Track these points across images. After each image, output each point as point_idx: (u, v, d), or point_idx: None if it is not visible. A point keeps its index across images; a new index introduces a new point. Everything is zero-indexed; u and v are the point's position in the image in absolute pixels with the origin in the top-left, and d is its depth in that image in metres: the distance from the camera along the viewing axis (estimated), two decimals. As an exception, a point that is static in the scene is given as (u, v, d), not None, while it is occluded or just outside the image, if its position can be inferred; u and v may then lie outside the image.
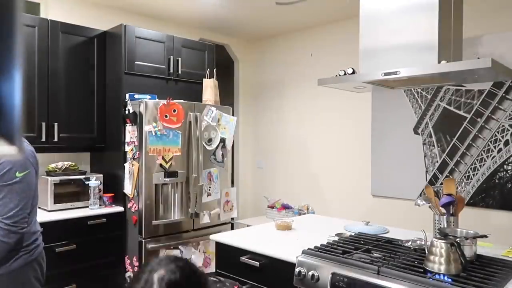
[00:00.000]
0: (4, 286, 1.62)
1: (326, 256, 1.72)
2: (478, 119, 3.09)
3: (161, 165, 2.96)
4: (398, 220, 3.19)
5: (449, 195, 1.86)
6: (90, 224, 2.91)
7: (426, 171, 3.38)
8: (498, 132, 3.00)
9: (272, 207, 4.29)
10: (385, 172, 3.64)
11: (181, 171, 3.07)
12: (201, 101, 3.39)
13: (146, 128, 2.89)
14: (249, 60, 4.86)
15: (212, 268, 3.15)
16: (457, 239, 1.60)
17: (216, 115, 3.26)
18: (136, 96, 3.07)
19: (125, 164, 3.06)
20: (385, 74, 1.86)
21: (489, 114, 3.04)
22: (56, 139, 2.98)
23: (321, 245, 1.88)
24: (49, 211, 2.87)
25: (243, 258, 2.00)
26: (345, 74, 2.05)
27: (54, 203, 2.90)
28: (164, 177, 2.98)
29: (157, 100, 3.06)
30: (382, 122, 3.66)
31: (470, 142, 3.13)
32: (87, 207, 3.03)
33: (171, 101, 3.01)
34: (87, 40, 3.20)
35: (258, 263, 1.93)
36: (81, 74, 3.18)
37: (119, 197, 3.13)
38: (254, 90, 4.86)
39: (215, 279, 0.92)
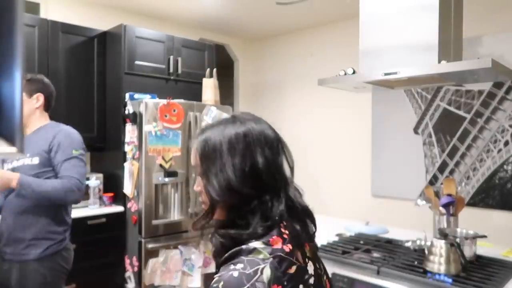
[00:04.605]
0: (35, 270, 1.82)
1: (326, 256, 1.72)
2: (478, 119, 3.09)
3: (161, 165, 2.96)
4: (398, 220, 3.18)
5: (449, 195, 1.86)
6: (90, 224, 2.91)
7: (426, 171, 3.38)
8: (498, 133, 3.00)
9: (272, 207, 4.28)
10: (385, 172, 3.64)
11: (181, 171, 3.07)
12: (201, 101, 3.39)
13: (146, 128, 2.89)
14: (249, 60, 4.86)
15: (212, 268, 3.15)
16: (457, 239, 1.60)
17: (216, 115, 3.26)
18: (136, 96, 3.07)
19: (125, 164, 3.06)
20: (385, 74, 1.86)
21: (489, 115, 3.04)
22: (56, 139, 2.98)
23: (321, 245, 1.88)
24: (49, 211, 2.86)
25: (243, 258, 1.99)
26: (345, 74, 2.05)
27: (54, 203, 2.90)
28: (164, 177, 2.98)
29: (157, 100, 3.06)
30: (382, 122, 3.66)
31: (470, 142, 3.13)
32: (87, 207, 3.03)
33: (171, 101, 3.01)
34: (87, 40, 3.20)
35: (258, 263, 1.93)
36: (81, 74, 3.18)
37: (119, 197, 3.13)
38: (254, 90, 4.86)
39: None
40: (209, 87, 3.41)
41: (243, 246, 0.77)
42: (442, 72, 1.75)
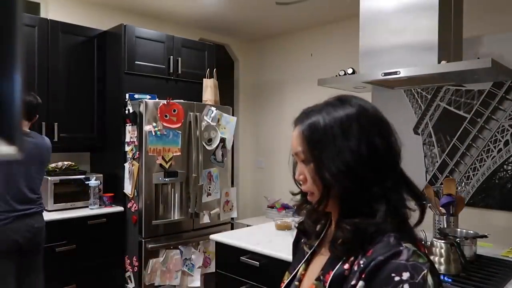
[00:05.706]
0: None
1: (326, 256, 1.72)
2: (478, 119, 3.09)
3: (161, 165, 2.96)
4: (398, 220, 3.19)
5: (449, 195, 1.86)
6: (90, 224, 2.91)
7: (426, 171, 3.38)
8: (498, 132, 3.00)
9: (272, 207, 4.29)
10: (385, 172, 3.63)
11: (181, 171, 3.07)
12: (201, 101, 3.39)
13: (146, 128, 2.89)
14: (249, 60, 4.86)
15: (212, 268, 3.15)
16: (457, 239, 1.60)
17: (216, 115, 3.26)
18: (136, 96, 3.07)
19: (125, 164, 3.06)
20: (385, 74, 1.86)
21: (489, 114, 3.03)
22: (56, 139, 2.98)
23: (321, 245, 1.88)
24: (49, 210, 2.86)
25: (243, 258, 2.00)
26: (345, 74, 2.05)
27: (54, 203, 2.90)
28: (164, 177, 2.98)
29: (157, 100, 3.06)
30: (382, 122, 3.65)
31: (470, 142, 3.13)
32: (87, 207, 3.03)
33: (171, 101, 3.01)
34: (87, 40, 3.20)
35: (258, 263, 1.93)
36: (81, 74, 3.18)
37: (119, 197, 3.13)
38: (254, 90, 4.86)
39: None
40: (209, 87, 3.41)
41: (401, 248, 0.69)
42: (442, 72, 1.75)
